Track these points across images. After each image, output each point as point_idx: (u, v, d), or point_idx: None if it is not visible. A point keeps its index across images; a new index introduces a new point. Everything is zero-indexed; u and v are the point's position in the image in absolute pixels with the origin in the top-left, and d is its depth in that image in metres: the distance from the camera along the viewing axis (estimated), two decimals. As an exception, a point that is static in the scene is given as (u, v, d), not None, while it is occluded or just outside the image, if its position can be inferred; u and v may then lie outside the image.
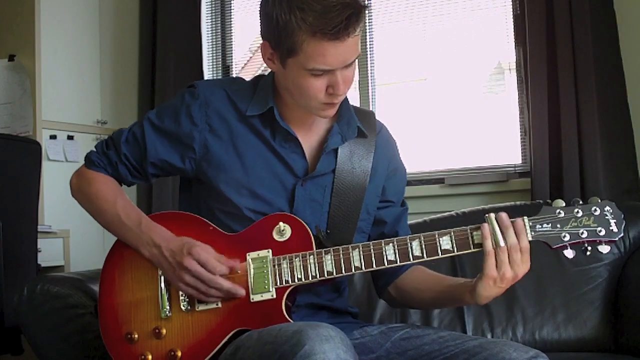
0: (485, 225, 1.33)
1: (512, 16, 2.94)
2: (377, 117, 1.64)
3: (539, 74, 2.70)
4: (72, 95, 3.45)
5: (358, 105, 3.12)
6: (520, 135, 2.92)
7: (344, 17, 1.31)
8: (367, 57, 3.20)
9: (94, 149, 1.59)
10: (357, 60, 1.42)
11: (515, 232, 1.32)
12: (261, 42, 1.44)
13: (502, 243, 1.31)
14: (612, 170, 2.60)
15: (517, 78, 2.93)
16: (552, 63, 2.68)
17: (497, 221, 1.33)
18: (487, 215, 1.34)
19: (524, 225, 1.33)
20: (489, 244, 1.32)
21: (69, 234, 3.16)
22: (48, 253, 2.96)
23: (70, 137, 3.40)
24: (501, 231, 1.32)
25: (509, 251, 1.31)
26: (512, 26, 2.93)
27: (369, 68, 3.21)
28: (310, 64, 1.35)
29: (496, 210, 1.38)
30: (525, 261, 1.32)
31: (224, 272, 1.39)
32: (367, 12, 1.37)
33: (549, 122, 2.68)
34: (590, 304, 2.14)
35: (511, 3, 2.94)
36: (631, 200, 2.53)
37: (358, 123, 1.55)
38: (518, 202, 2.45)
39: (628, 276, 2.13)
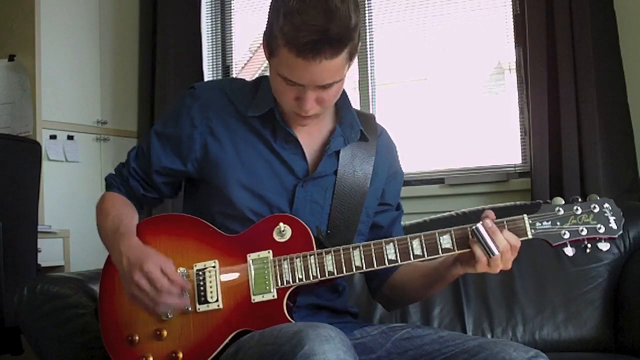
0: (477, 246, 1.32)
1: (512, 16, 2.94)
2: (377, 118, 1.65)
3: (539, 74, 2.70)
4: (72, 95, 3.45)
5: (358, 105, 3.14)
6: (520, 135, 2.92)
7: (310, 40, 1.29)
8: (367, 57, 3.20)
9: (112, 172, 1.62)
10: (356, 64, 1.41)
11: (506, 234, 1.32)
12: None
13: (496, 253, 1.31)
14: (612, 170, 2.60)
15: (517, 78, 2.93)
16: (552, 63, 2.69)
17: (486, 231, 1.32)
18: (475, 228, 1.32)
19: (521, 225, 1.33)
20: (483, 259, 1.32)
21: (69, 234, 3.16)
22: (48, 253, 2.96)
23: (70, 137, 3.39)
24: (492, 239, 1.31)
25: (501, 254, 1.32)
26: (512, 26, 2.93)
27: (369, 68, 3.21)
28: (281, 71, 1.36)
29: (496, 211, 1.37)
30: (515, 252, 1.34)
31: (172, 292, 1.33)
32: (358, 33, 1.31)
33: (549, 122, 2.68)
34: (590, 304, 2.14)
35: (511, 3, 2.94)
36: (631, 200, 2.53)
37: (360, 126, 1.54)
38: (518, 202, 2.45)
39: (628, 276, 2.13)
